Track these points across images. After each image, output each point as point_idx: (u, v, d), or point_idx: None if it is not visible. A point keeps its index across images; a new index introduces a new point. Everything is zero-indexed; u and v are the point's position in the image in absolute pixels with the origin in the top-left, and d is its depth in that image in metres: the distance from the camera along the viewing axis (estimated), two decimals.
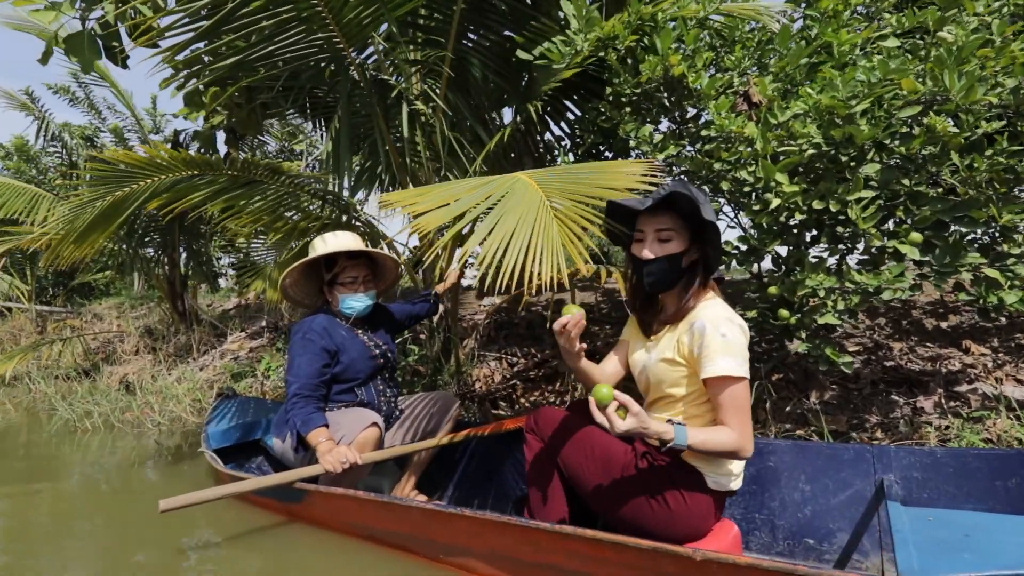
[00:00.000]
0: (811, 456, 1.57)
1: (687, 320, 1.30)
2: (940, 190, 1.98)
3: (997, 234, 1.99)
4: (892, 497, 1.40)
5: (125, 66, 4.33)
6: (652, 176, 1.48)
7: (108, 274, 8.10)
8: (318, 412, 1.94)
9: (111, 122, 5.37)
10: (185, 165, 2.15)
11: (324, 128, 3.50)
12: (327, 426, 1.91)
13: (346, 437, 1.89)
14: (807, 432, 2.35)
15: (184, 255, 5.65)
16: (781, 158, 1.99)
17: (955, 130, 1.77)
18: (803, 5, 2.47)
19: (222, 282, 8.91)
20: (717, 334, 1.21)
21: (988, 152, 1.76)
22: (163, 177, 2.14)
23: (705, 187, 2.35)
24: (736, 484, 1.33)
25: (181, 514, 1.78)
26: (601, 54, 2.32)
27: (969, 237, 2.01)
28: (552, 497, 1.46)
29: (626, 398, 1.13)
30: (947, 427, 2.18)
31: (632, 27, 2.22)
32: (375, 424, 1.91)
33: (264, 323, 5.23)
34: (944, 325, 3.00)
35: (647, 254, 1.37)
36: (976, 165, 1.78)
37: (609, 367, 1.54)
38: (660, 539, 1.25)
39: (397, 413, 2.24)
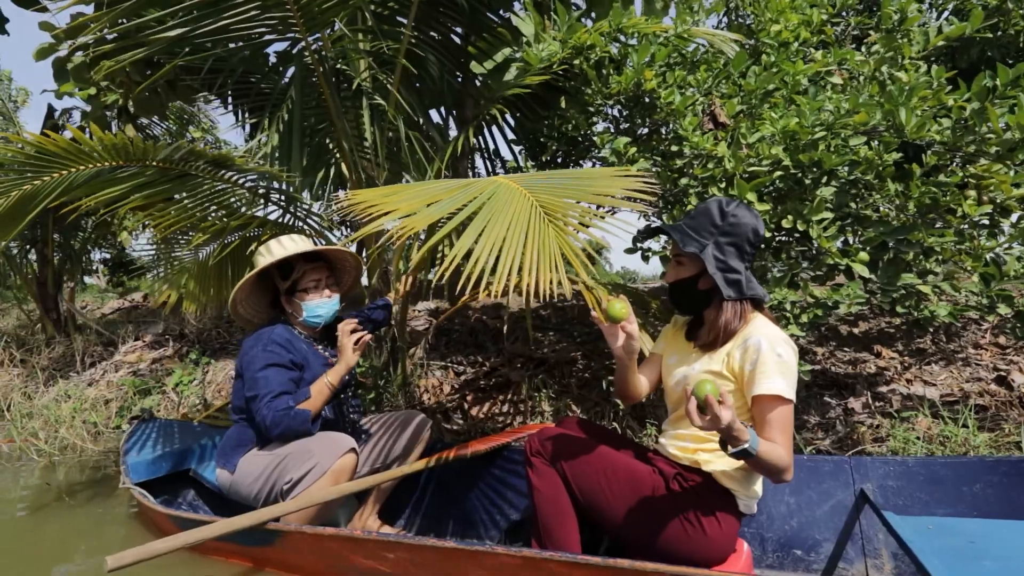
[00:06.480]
0: (793, 469, 1.64)
1: (740, 336, 1.29)
2: (876, 213, 2.19)
3: (922, 255, 2.23)
4: (874, 506, 1.50)
5: (3, 32, 3.66)
6: (646, 185, 1.44)
7: None
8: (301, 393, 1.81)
9: None
10: (113, 153, 1.80)
11: (248, 116, 3.17)
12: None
13: (319, 466, 1.70)
14: None
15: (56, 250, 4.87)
16: (747, 177, 2.08)
17: (877, 159, 1.94)
18: (753, 38, 2.61)
19: (91, 280, 7.85)
20: (774, 353, 1.22)
21: (918, 182, 1.96)
22: (81, 168, 1.78)
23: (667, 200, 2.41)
24: (755, 508, 1.36)
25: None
26: (576, 61, 2.30)
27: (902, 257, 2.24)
28: (569, 524, 1.40)
29: (723, 389, 1.10)
30: (878, 426, 2.42)
31: (611, 38, 2.23)
32: (353, 450, 1.74)
33: (162, 328, 4.64)
34: (856, 331, 3.34)
35: (668, 277, 1.39)
36: (911, 193, 1.98)
37: (641, 380, 1.51)
38: (690, 562, 1.24)
39: (363, 436, 2.06)
